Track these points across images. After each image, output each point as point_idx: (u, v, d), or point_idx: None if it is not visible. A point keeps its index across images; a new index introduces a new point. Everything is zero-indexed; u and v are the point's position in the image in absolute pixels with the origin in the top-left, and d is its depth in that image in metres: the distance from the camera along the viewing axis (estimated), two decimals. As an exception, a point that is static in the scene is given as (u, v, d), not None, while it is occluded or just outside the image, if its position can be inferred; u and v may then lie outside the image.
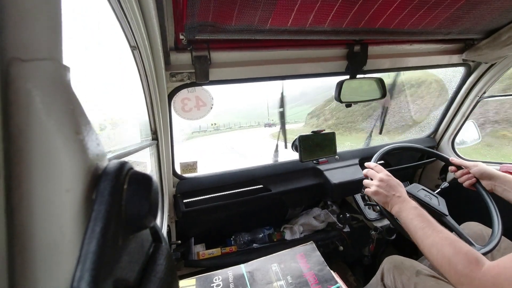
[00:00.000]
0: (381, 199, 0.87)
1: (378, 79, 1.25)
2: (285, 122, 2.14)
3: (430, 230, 0.70)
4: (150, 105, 0.90)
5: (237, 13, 0.79)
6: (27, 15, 0.17)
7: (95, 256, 0.17)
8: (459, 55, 1.36)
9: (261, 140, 18.96)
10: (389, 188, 0.86)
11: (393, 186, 0.86)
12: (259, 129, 35.96)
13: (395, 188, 0.86)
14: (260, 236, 1.47)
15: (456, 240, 0.66)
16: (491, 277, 0.56)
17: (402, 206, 0.80)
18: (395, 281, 0.92)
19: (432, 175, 1.78)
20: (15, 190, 0.16)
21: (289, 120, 45.62)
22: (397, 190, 0.85)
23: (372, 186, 0.90)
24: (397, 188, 0.86)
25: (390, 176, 0.90)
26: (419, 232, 0.71)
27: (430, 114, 1.89)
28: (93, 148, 0.20)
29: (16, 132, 0.16)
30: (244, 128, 47.65)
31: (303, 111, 54.21)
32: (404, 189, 0.87)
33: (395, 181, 0.89)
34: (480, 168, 0.98)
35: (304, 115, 34.84)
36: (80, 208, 0.18)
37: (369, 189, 0.91)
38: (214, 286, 0.70)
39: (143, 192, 0.22)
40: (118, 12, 0.54)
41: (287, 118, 11.30)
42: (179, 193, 1.26)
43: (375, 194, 0.88)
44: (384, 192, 0.86)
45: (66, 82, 0.19)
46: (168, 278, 0.26)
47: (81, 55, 0.52)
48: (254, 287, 0.69)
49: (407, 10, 0.91)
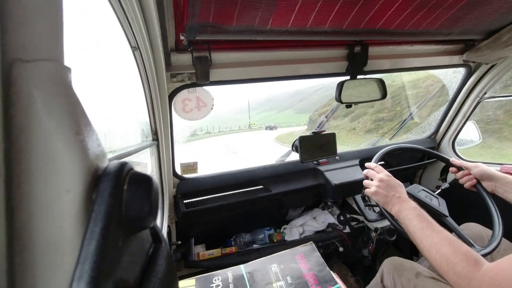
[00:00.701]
0: (380, 199, 0.86)
1: (379, 80, 1.25)
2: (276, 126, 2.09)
3: (429, 231, 0.70)
4: (150, 106, 0.90)
5: (237, 13, 0.79)
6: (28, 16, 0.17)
7: (95, 256, 0.17)
8: (459, 56, 1.36)
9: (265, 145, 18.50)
10: (389, 189, 0.86)
11: (393, 187, 0.86)
12: (249, 133, 34.44)
13: (395, 189, 0.85)
14: (260, 237, 1.47)
15: (455, 240, 0.66)
16: (489, 278, 0.56)
17: (402, 207, 0.80)
18: (395, 283, 0.92)
19: (433, 176, 1.77)
20: (16, 190, 0.16)
21: (282, 124, 45.86)
22: (397, 190, 0.85)
23: (372, 187, 0.89)
24: (397, 189, 0.85)
25: (390, 177, 0.90)
26: (418, 233, 0.71)
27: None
28: (93, 149, 0.20)
29: (17, 132, 0.16)
30: (226, 133, 47.11)
31: (269, 116, 54.51)
32: (404, 190, 0.87)
33: (395, 181, 0.88)
34: (480, 169, 0.98)
35: (273, 119, 35.08)
36: (80, 209, 0.18)
37: (369, 190, 0.91)
38: (213, 286, 0.70)
39: (143, 192, 0.22)
40: (119, 13, 0.54)
41: (261, 122, 10.63)
42: (179, 193, 1.26)
43: (375, 194, 0.88)
44: (383, 192, 0.86)
45: (67, 83, 0.19)
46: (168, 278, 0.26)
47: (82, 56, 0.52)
48: (253, 287, 0.69)
49: (407, 11, 0.91)
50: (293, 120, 39.87)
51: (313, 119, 30.22)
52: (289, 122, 45.94)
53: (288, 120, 41.62)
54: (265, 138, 24.35)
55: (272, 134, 25.89)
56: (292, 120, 40.17)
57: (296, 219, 1.55)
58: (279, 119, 42.43)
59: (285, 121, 39.42)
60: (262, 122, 54.15)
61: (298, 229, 1.49)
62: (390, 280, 0.94)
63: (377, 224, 1.40)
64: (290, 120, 41.80)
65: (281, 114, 43.84)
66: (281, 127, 41.19)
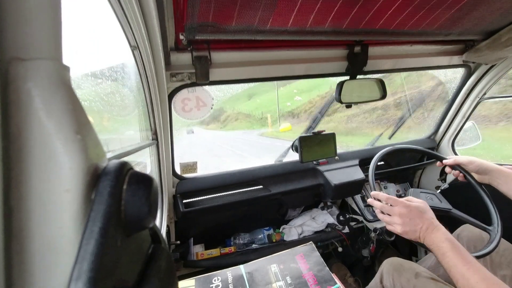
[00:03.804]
0: (411, 236, 0.77)
1: (379, 80, 1.25)
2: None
3: (465, 268, 0.64)
4: (150, 105, 0.90)
5: (237, 13, 0.79)
6: (27, 14, 0.17)
7: (93, 256, 0.17)
8: (459, 56, 1.36)
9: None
10: (414, 222, 0.76)
11: (417, 217, 0.76)
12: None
13: (420, 219, 0.76)
14: (259, 237, 1.47)
15: (492, 279, 0.62)
16: None
17: (432, 239, 0.73)
18: (395, 283, 0.92)
19: (432, 176, 1.77)
20: (14, 189, 0.16)
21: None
22: (422, 219, 0.76)
23: (396, 226, 0.79)
24: (422, 218, 0.76)
25: (409, 206, 0.78)
26: (453, 270, 0.66)
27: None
28: (92, 148, 0.19)
29: (16, 131, 0.16)
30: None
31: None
32: (428, 213, 0.78)
33: (415, 207, 0.78)
34: (476, 165, 0.98)
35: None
36: (79, 208, 0.18)
37: (394, 229, 0.80)
38: (213, 286, 0.70)
39: (142, 192, 0.21)
40: (119, 12, 0.54)
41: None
42: (179, 193, 1.26)
43: (405, 234, 0.78)
44: (411, 229, 0.76)
45: (66, 82, 0.19)
46: (167, 279, 0.26)
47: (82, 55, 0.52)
48: (253, 287, 0.69)
49: (407, 11, 0.91)
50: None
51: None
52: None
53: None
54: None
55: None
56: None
57: (295, 219, 1.55)
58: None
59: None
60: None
61: (297, 229, 1.49)
62: (389, 281, 0.94)
63: (376, 224, 1.40)
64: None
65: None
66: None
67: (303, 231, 1.49)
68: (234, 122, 32.22)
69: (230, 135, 23.48)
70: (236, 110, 34.86)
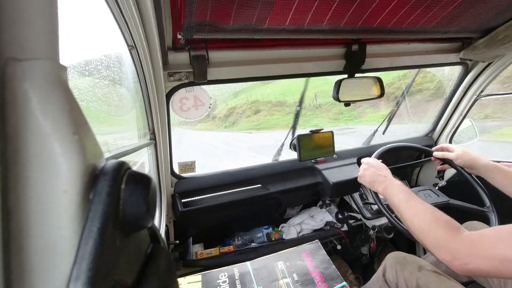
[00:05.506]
0: (367, 179, 0.94)
1: (377, 78, 1.25)
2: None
3: (414, 202, 0.75)
4: (148, 105, 0.89)
5: (235, 12, 0.78)
6: (23, 14, 0.17)
7: (92, 256, 0.17)
8: (456, 54, 1.37)
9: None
10: (375, 169, 0.94)
11: (378, 168, 0.94)
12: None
13: (380, 170, 0.93)
14: (258, 236, 1.48)
15: (438, 210, 0.70)
16: (470, 242, 0.58)
17: (388, 184, 0.87)
18: (397, 276, 0.93)
19: (430, 174, 1.78)
20: (12, 190, 0.16)
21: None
22: (382, 171, 0.93)
23: (360, 171, 0.98)
24: (382, 170, 0.93)
25: (377, 161, 0.98)
26: (403, 205, 0.76)
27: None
28: (90, 148, 0.19)
29: (13, 132, 0.16)
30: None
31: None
32: (389, 172, 0.93)
33: (381, 165, 0.96)
34: (463, 160, 1.03)
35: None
36: (77, 209, 0.18)
37: (361, 180, 0.97)
38: (220, 282, 0.70)
39: (140, 192, 0.21)
40: (116, 11, 0.54)
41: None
42: (177, 192, 1.26)
43: (362, 176, 0.96)
44: (370, 173, 0.94)
45: (63, 82, 0.19)
46: (167, 277, 0.26)
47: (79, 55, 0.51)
48: (260, 284, 0.69)
49: (404, 9, 0.91)
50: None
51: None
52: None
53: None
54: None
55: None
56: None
57: (294, 218, 1.56)
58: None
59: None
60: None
61: (296, 228, 1.49)
62: (392, 274, 0.95)
63: (375, 222, 1.41)
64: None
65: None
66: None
67: (302, 230, 1.50)
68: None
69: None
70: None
